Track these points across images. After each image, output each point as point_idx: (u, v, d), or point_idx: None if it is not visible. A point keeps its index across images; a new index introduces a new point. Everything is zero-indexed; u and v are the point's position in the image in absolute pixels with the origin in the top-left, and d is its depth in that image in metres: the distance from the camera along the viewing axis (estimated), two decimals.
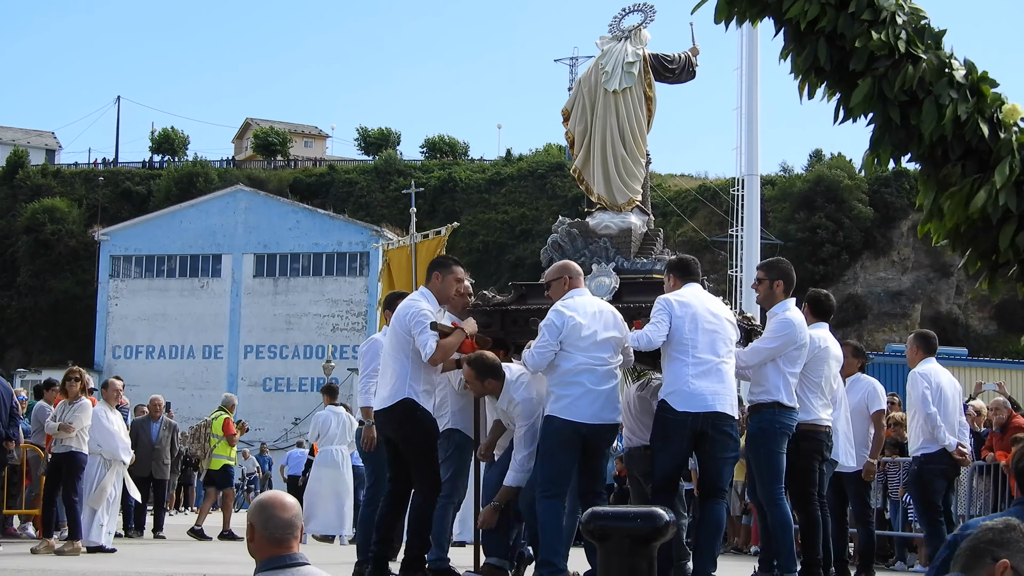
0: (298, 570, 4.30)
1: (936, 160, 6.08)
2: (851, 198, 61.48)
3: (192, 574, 9.93)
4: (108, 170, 77.10)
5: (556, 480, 7.97)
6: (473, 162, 76.10)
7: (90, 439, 13.52)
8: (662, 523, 6.31)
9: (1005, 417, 13.45)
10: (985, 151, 5.98)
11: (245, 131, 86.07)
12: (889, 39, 5.98)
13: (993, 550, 3.67)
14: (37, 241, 67.89)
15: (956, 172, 5.99)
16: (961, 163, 6.00)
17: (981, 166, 5.98)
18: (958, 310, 62.31)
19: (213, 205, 60.40)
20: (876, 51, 5.98)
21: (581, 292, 8.19)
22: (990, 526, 3.76)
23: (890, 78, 5.97)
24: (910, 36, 6.05)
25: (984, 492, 13.50)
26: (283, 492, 4.64)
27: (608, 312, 8.11)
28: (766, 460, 8.41)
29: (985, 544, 3.70)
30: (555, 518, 7.99)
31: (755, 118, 30.24)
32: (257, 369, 57.83)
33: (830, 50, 6.10)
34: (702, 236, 56.84)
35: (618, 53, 9.57)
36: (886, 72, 5.98)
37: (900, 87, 5.93)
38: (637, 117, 9.51)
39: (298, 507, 4.43)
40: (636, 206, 9.63)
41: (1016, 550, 3.67)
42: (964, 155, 6.01)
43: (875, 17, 6.03)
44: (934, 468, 10.07)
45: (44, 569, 10.25)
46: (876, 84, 5.99)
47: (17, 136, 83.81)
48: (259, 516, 4.35)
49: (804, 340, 8.44)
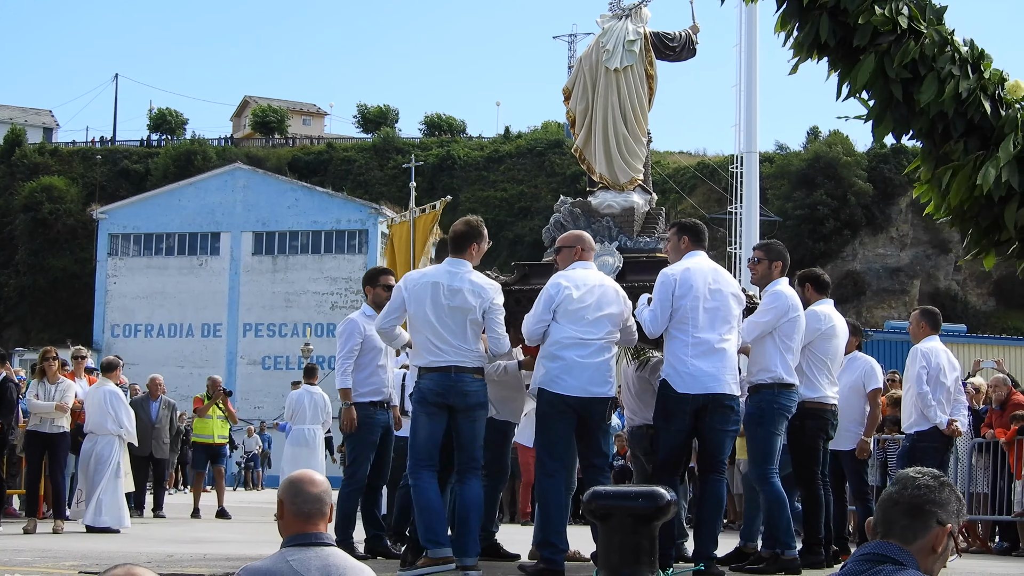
0: (322, 550, 4.27)
1: (937, 137, 6.05)
2: (850, 175, 61.42)
3: (193, 553, 9.94)
4: (106, 148, 76.97)
5: (553, 455, 8.01)
6: (472, 140, 75.99)
7: (107, 418, 13.56)
8: (663, 502, 6.29)
9: (1004, 394, 13.47)
10: (987, 128, 5.94)
11: (243, 109, 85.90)
12: (892, 14, 5.94)
13: (936, 512, 3.42)
14: (35, 220, 67.84)
15: (959, 149, 5.96)
16: (964, 140, 5.96)
17: (983, 143, 5.94)
18: (956, 286, 62.32)
19: (211, 183, 60.30)
20: (879, 26, 5.94)
21: (586, 265, 8.16)
22: (925, 483, 3.45)
23: (892, 54, 5.93)
24: (912, 11, 6.02)
25: (983, 468, 13.52)
26: (312, 471, 4.66)
27: (609, 288, 8.07)
28: (762, 440, 8.43)
29: (928, 505, 3.42)
30: (556, 497, 8.04)
31: (754, 95, 30.20)
32: (256, 347, 57.84)
33: (833, 25, 6.06)
34: (701, 213, 56.74)
35: (619, 31, 9.53)
36: (889, 48, 5.94)
37: (901, 62, 5.89)
38: (638, 95, 9.47)
39: (327, 484, 4.41)
40: (638, 185, 9.60)
41: (952, 512, 3.44)
42: (966, 132, 5.97)
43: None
44: (926, 446, 10.07)
45: (44, 549, 10.26)
46: (879, 60, 5.95)
47: (15, 114, 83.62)
48: (288, 491, 4.35)
49: (796, 311, 8.45)
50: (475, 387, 8.02)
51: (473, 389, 8.01)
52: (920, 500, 3.42)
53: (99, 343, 57.03)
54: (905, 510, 3.40)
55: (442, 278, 8.02)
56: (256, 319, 58.25)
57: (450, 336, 7.93)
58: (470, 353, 7.98)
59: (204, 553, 9.92)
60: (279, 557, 4.25)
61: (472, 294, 7.95)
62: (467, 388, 7.98)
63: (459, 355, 7.95)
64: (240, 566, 4.37)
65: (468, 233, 8.21)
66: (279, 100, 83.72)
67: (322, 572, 4.21)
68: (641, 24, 9.57)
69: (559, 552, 7.92)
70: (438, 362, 7.94)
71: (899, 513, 3.40)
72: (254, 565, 4.27)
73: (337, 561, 4.28)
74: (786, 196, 61.67)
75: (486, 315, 7.96)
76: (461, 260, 8.12)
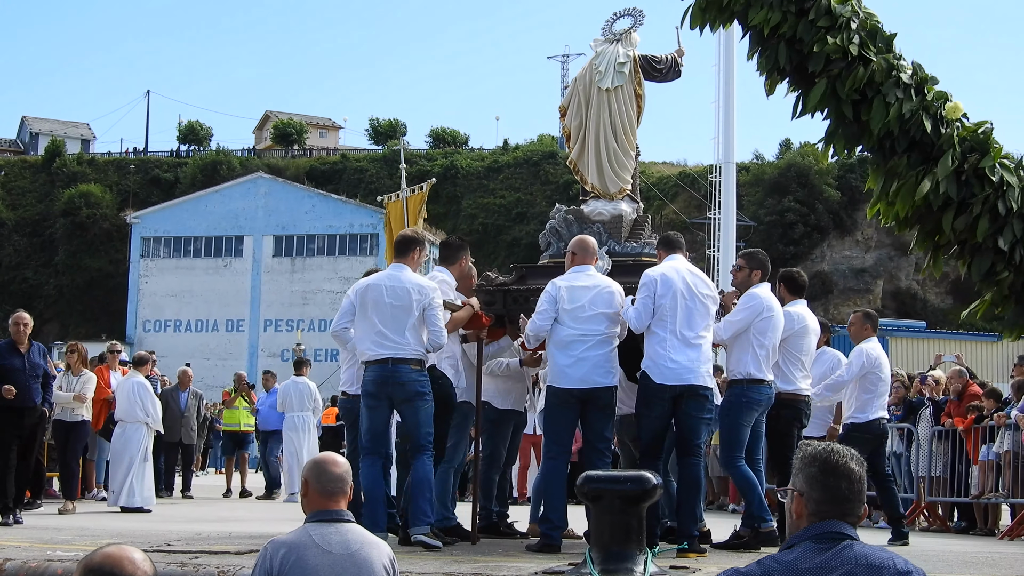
0: (343, 525, 4.30)
1: (884, 152, 6.16)
2: (821, 182, 61.45)
3: (219, 531, 9.91)
4: (139, 158, 76.93)
5: (556, 440, 8.15)
6: (473, 151, 76.01)
7: (136, 407, 13.57)
8: (650, 485, 6.32)
9: (962, 386, 13.45)
10: (928, 144, 6.05)
11: (265, 123, 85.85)
12: (843, 43, 6.02)
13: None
14: (73, 224, 67.83)
15: (902, 163, 6.09)
16: (907, 155, 6.10)
17: (925, 158, 6.06)
18: (917, 285, 62.36)
19: (235, 191, 60.27)
20: (831, 54, 6.03)
21: (583, 269, 8.21)
22: (862, 470, 3.42)
23: (843, 78, 6.03)
24: (863, 40, 6.09)
25: (943, 454, 13.50)
26: (334, 453, 4.67)
27: (604, 288, 8.11)
28: (728, 430, 8.53)
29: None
30: (558, 478, 8.17)
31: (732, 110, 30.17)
32: (276, 341, 57.78)
33: (789, 53, 6.17)
34: (682, 218, 56.74)
35: (610, 54, 9.53)
36: (840, 73, 6.04)
37: (851, 87, 5.99)
38: (628, 113, 9.48)
39: (348, 465, 4.43)
40: (626, 194, 9.62)
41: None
42: (909, 148, 6.11)
43: (831, 23, 6.08)
44: (859, 437, 9.96)
45: (82, 528, 10.24)
46: (830, 84, 6.05)
47: (55, 127, 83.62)
48: (313, 471, 4.37)
49: (771, 311, 8.49)
50: (411, 377, 8.06)
51: (410, 379, 8.05)
52: (862, 484, 3.41)
53: (131, 338, 56.99)
54: (857, 492, 3.37)
55: (384, 281, 8.18)
56: (276, 315, 58.23)
57: (390, 332, 8.04)
58: (407, 346, 8.04)
59: (229, 532, 9.90)
60: (303, 531, 4.27)
61: (410, 293, 8.05)
62: (403, 378, 8.05)
63: (396, 349, 8.04)
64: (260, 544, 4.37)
65: (411, 240, 8.47)
66: (298, 114, 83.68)
67: (342, 546, 4.24)
68: (631, 48, 9.56)
69: (555, 528, 8.01)
70: (377, 355, 8.05)
71: (854, 493, 3.37)
72: (280, 538, 4.28)
73: (357, 536, 4.31)
74: (759, 202, 61.70)
75: (425, 312, 8.05)
76: (402, 264, 8.29)
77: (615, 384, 8.18)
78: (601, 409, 8.10)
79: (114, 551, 3.20)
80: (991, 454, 12.64)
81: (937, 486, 13.54)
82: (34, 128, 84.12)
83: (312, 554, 4.17)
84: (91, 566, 3.16)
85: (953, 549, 10.01)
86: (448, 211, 68.64)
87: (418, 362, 8.10)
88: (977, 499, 12.89)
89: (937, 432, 13.58)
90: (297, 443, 16.57)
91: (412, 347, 8.06)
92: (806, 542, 3.31)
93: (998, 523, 12.90)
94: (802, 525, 3.38)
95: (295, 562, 4.14)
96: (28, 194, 72.57)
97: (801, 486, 3.40)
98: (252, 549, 7.34)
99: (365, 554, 4.24)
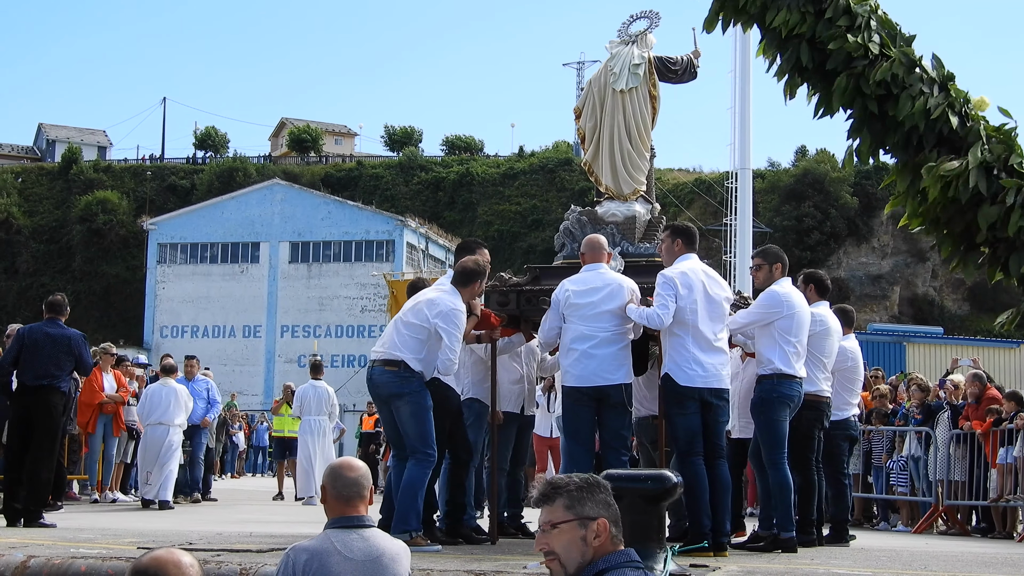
0: (364, 531, 4.33)
1: (911, 149, 6.08)
2: (837, 189, 61.32)
3: (239, 532, 9.96)
4: (155, 165, 77.23)
5: (578, 440, 8.13)
6: (488, 158, 76.02)
7: (166, 411, 14.18)
8: (670, 484, 6.34)
9: (980, 390, 13.43)
10: (956, 140, 5.97)
11: (281, 130, 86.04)
12: (864, 41, 5.98)
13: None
14: (90, 230, 68.14)
15: (932, 158, 5.98)
16: (936, 151, 6.00)
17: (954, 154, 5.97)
18: (934, 292, 62.16)
19: (252, 197, 60.44)
20: (852, 52, 5.98)
21: (595, 267, 8.19)
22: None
23: (866, 74, 5.97)
24: (883, 39, 6.05)
25: (961, 458, 13.48)
26: (352, 457, 4.70)
27: (615, 286, 8.05)
28: (766, 427, 8.45)
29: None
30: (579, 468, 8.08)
31: (748, 116, 30.17)
32: (293, 347, 57.89)
33: (812, 52, 6.10)
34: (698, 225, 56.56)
35: (625, 56, 9.54)
36: (863, 70, 5.98)
37: (875, 81, 5.93)
38: (642, 114, 9.49)
39: (365, 469, 4.45)
40: (640, 196, 9.62)
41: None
42: (937, 143, 6.01)
43: (851, 23, 6.02)
44: (838, 434, 9.79)
45: (104, 527, 10.31)
46: (853, 80, 6.00)
47: (72, 134, 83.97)
48: (329, 477, 4.41)
49: (792, 309, 8.39)
50: (384, 379, 8.14)
51: (383, 380, 8.15)
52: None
53: (149, 343, 57.18)
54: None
55: (426, 292, 8.41)
56: (293, 321, 58.34)
57: (387, 333, 8.30)
58: (391, 347, 8.13)
59: (250, 532, 9.95)
60: (324, 538, 4.30)
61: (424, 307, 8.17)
62: (376, 379, 8.19)
63: (379, 352, 8.22)
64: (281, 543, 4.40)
65: (473, 272, 8.40)
66: (313, 121, 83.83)
67: (364, 552, 4.27)
68: (646, 49, 9.58)
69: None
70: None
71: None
72: (302, 544, 4.31)
73: (378, 543, 4.33)
74: (776, 209, 61.59)
75: (440, 332, 8.09)
76: (457, 292, 8.31)
77: (626, 382, 8.07)
78: (613, 407, 8.01)
79: (163, 554, 3.26)
80: (1009, 457, 12.63)
81: (956, 490, 13.52)
82: (51, 135, 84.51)
83: (334, 560, 4.21)
84: (139, 568, 3.23)
85: (973, 552, 9.99)
86: (463, 218, 68.76)
87: (394, 363, 8.08)
88: (996, 502, 12.86)
89: (955, 436, 13.57)
90: (312, 446, 16.64)
91: (395, 348, 8.10)
92: None
93: (1016, 526, 12.88)
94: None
95: (318, 568, 4.19)
96: (45, 201, 72.92)
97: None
98: (273, 548, 7.38)
99: (387, 560, 4.29)
